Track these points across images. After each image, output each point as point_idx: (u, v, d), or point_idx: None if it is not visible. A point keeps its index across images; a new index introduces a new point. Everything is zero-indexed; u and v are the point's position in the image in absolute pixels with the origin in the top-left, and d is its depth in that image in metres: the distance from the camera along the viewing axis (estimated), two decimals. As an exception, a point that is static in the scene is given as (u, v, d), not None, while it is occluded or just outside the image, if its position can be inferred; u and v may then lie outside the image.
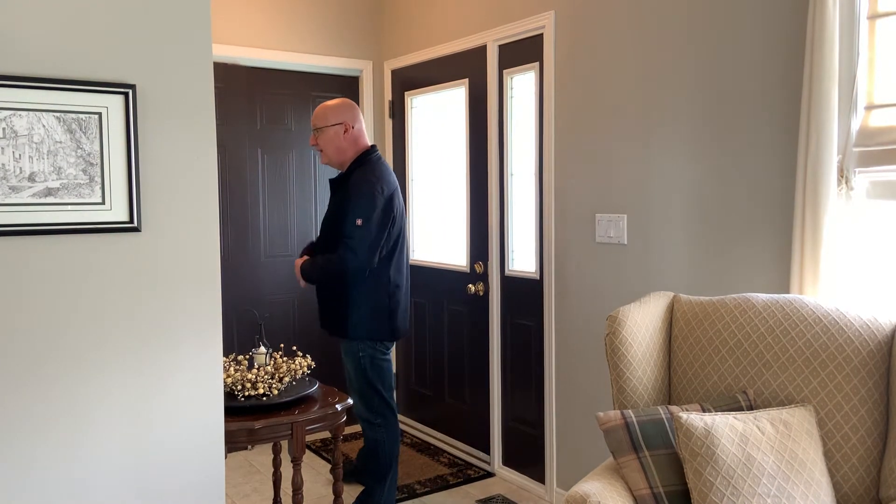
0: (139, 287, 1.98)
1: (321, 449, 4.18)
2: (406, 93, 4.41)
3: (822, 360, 2.04)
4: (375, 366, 3.10)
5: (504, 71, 3.66)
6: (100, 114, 1.91)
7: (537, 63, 3.45)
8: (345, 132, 3.07)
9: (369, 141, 3.20)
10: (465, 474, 3.82)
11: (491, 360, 3.83)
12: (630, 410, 2.08)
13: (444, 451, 4.15)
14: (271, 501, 3.47)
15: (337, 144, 3.07)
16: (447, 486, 3.67)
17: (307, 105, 4.43)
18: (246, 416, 2.57)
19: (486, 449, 3.93)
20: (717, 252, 2.72)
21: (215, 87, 2.11)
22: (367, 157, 3.10)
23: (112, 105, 1.92)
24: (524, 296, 3.63)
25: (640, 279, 3.00)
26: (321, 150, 3.12)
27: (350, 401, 2.85)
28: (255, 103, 4.28)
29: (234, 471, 3.87)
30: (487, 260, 3.84)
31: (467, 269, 3.99)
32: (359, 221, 2.93)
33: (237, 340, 4.18)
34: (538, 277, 3.52)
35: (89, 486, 1.94)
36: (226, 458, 2.24)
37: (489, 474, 3.83)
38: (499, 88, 3.70)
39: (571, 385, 3.34)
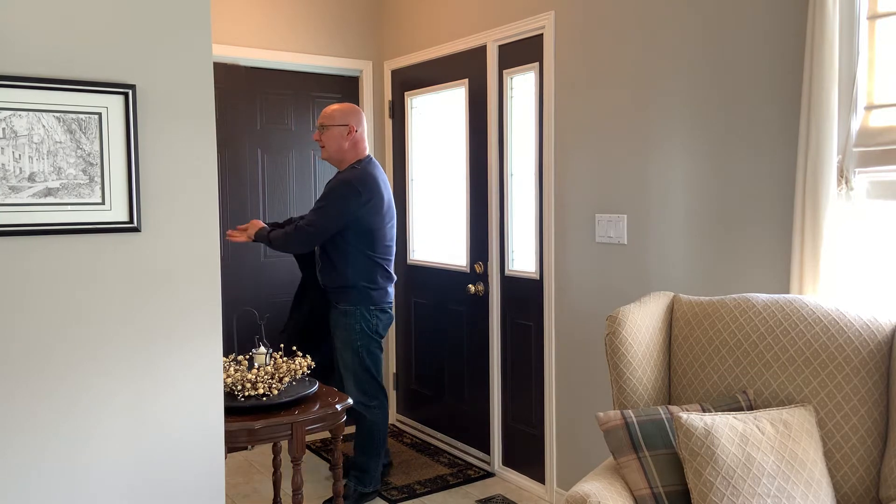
0: (139, 287, 1.98)
1: (321, 449, 4.18)
2: (406, 93, 4.41)
3: (822, 360, 2.04)
4: (371, 353, 3.41)
5: (504, 71, 3.66)
6: (100, 114, 1.91)
7: (537, 63, 3.45)
8: (348, 133, 3.35)
9: (369, 148, 3.50)
10: (465, 474, 3.82)
11: (491, 360, 3.83)
12: (630, 410, 2.08)
13: (444, 451, 4.15)
14: (271, 501, 3.47)
15: (339, 143, 3.35)
16: (447, 486, 3.67)
17: (307, 105, 4.43)
18: (246, 416, 2.57)
19: (486, 449, 3.93)
20: (717, 252, 2.72)
21: (215, 87, 2.11)
22: (360, 162, 3.38)
23: (112, 105, 1.92)
24: (524, 296, 3.63)
25: (640, 279, 3.00)
26: (323, 146, 3.39)
27: (350, 401, 2.86)
28: (255, 103, 4.28)
29: (234, 471, 3.87)
30: (487, 260, 3.84)
31: (467, 269, 3.99)
32: (320, 210, 3.27)
33: (237, 340, 4.18)
34: (538, 277, 3.52)
35: (90, 486, 1.94)
36: (226, 458, 2.24)
37: (489, 474, 3.83)
38: (499, 88, 3.70)
39: (571, 385, 3.34)
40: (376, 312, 3.42)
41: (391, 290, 3.50)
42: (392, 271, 3.49)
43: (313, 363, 2.94)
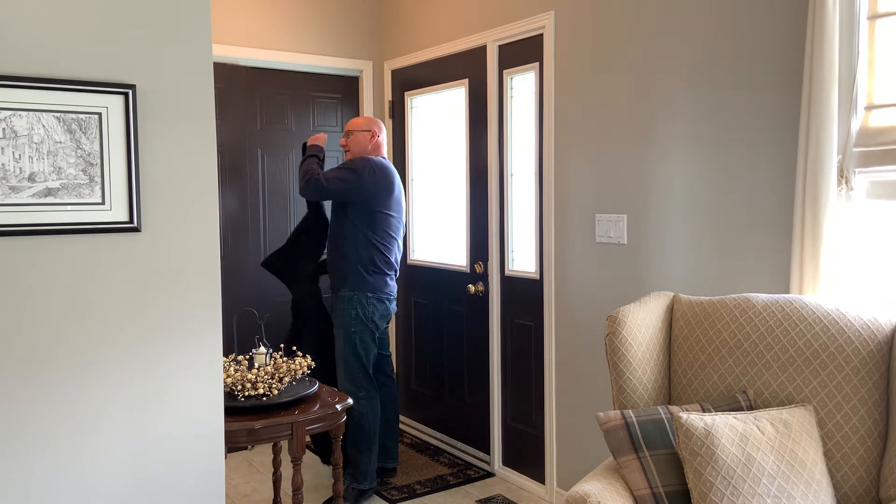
0: (139, 287, 1.98)
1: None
2: (406, 93, 4.41)
3: (822, 360, 2.04)
4: (363, 342, 3.47)
5: (504, 71, 3.66)
6: (100, 114, 1.91)
7: (537, 63, 3.45)
8: (371, 137, 3.62)
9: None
10: (465, 474, 3.82)
11: (491, 360, 3.83)
12: (630, 410, 2.08)
13: (444, 451, 4.15)
14: (271, 501, 3.47)
15: (363, 146, 3.61)
16: (447, 486, 3.67)
17: (307, 105, 4.43)
18: (246, 416, 2.57)
19: (486, 449, 3.93)
20: (717, 252, 2.72)
21: (215, 87, 2.11)
22: (379, 157, 3.61)
23: (112, 105, 1.92)
24: (524, 296, 3.63)
25: (640, 279, 3.00)
26: (348, 150, 3.64)
27: (350, 400, 2.87)
28: (255, 103, 4.28)
29: (234, 471, 3.87)
30: (487, 260, 3.84)
31: (467, 269, 3.99)
32: (342, 171, 3.47)
33: (237, 340, 4.18)
34: (538, 277, 3.52)
35: (90, 486, 1.94)
36: (226, 458, 2.24)
37: (489, 474, 3.83)
38: (499, 88, 3.70)
39: (571, 385, 3.34)
40: (373, 300, 3.46)
41: (392, 282, 3.53)
42: (394, 262, 3.53)
43: (313, 363, 2.94)
